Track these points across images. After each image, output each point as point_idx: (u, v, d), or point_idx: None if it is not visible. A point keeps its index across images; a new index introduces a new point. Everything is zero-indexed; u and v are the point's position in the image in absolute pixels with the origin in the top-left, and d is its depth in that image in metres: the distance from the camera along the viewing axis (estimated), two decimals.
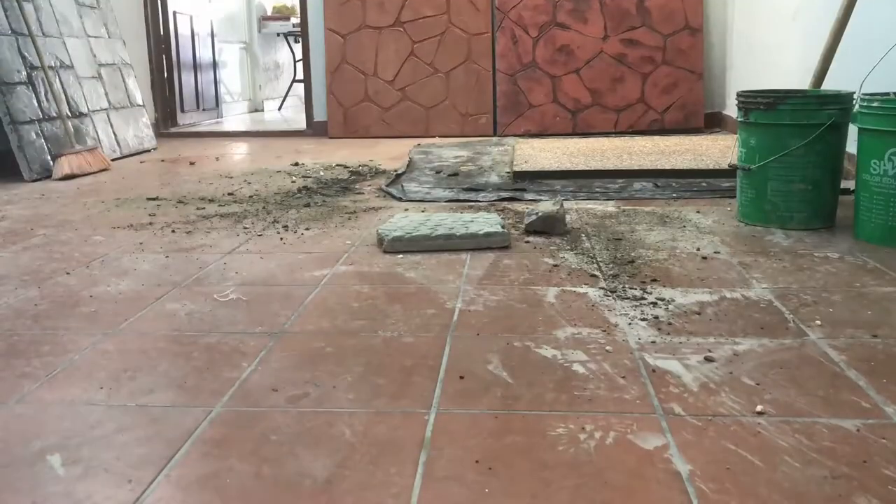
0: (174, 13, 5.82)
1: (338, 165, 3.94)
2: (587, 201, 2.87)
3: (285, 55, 8.37)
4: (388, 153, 4.39)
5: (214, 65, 6.60)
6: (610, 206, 2.77)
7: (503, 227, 2.24)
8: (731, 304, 1.67)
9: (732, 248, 2.15)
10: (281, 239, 2.36)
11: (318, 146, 4.90)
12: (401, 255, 2.13)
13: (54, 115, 3.92)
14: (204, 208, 2.88)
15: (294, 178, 3.56)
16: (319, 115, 5.43)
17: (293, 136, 5.52)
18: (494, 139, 4.90)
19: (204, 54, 6.37)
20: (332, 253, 2.18)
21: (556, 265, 2.02)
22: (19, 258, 2.22)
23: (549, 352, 1.43)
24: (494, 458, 1.06)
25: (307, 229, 2.48)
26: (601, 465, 1.04)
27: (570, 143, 4.35)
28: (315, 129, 5.45)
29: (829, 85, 2.69)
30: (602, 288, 1.81)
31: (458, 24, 5.16)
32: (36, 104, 3.81)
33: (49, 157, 3.77)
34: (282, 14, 8.12)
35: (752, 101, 2.36)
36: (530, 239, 2.29)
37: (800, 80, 3.74)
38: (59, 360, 1.45)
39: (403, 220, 2.31)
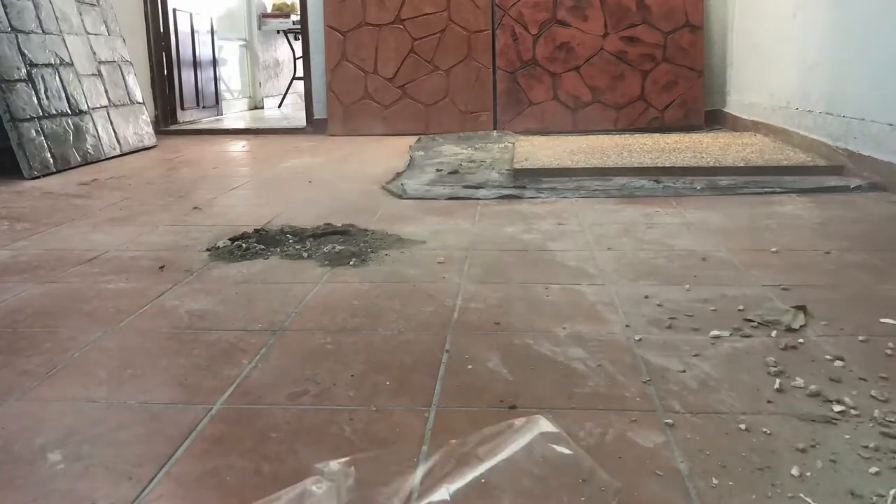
0: (174, 10, 5.81)
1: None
2: (587, 199, 2.87)
3: (285, 52, 8.36)
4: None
5: (214, 62, 6.59)
6: (610, 204, 2.77)
7: None
8: (730, 302, 1.67)
9: (731, 246, 2.15)
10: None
11: (317, 144, 4.90)
12: None
13: (54, 112, 3.92)
14: (200, 208, 2.88)
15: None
16: (319, 112, 5.43)
17: (293, 134, 5.51)
18: (495, 134, 4.90)
19: (204, 51, 6.36)
20: None
21: (556, 262, 2.02)
22: (19, 255, 2.22)
23: (549, 349, 1.44)
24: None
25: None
26: (601, 462, 1.04)
27: (570, 140, 4.35)
28: (315, 127, 5.45)
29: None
30: (601, 285, 1.81)
31: (458, 21, 5.16)
32: (35, 101, 3.80)
33: (49, 155, 3.77)
34: (282, 11, 8.11)
35: None
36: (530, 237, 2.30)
37: (799, 77, 3.74)
38: (59, 357, 1.45)
39: None
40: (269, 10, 8.16)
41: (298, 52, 6.60)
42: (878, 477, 0.99)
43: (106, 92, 4.49)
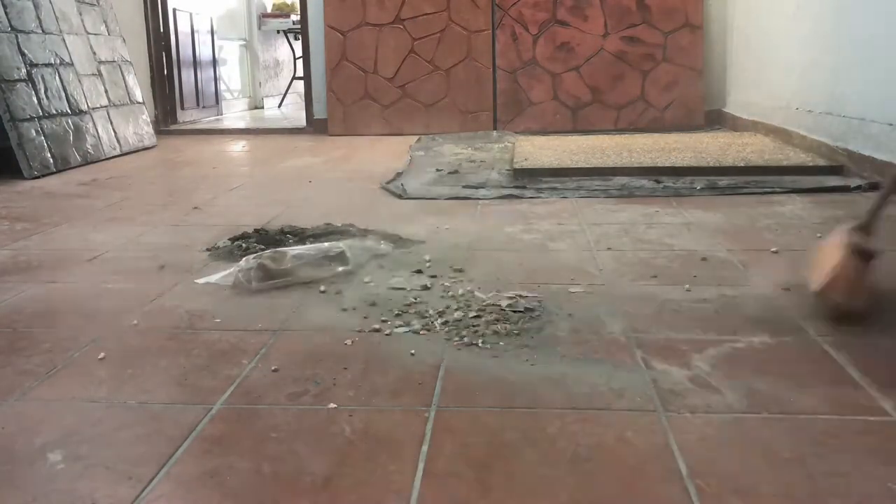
0: (174, 10, 5.81)
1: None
2: (587, 199, 2.87)
3: (285, 52, 8.36)
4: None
5: (214, 62, 6.59)
6: (610, 204, 2.77)
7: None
8: (730, 302, 1.67)
9: (731, 246, 2.15)
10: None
11: (317, 144, 4.90)
12: None
13: (54, 112, 3.92)
14: (200, 208, 2.88)
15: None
16: (319, 112, 5.43)
17: (293, 134, 5.51)
18: (495, 134, 4.90)
19: (204, 51, 6.36)
20: None
21: (556, 262, 2.02)
22: (19, 255, 2.22)
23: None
24: (494, 456, 1.06)
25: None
26: (601, 462, 1.04)
27: (570, 140, 4.35)
28: (315, 127, 5.45)
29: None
30: (601, 285, 1.81)
31: (458, 21, 5.16)
32: (35, 101, 3.80)
33: (49, 155, 3.77)
34: (282, 11, 8.11)
35: None
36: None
37: (799, 77, 3.75)
38: (59, 357, 1.45)
39: None
40: (269, 10, 8.16)
41: (298, 52, 6.60)
42: None
43: (106, 92, 4.49)
